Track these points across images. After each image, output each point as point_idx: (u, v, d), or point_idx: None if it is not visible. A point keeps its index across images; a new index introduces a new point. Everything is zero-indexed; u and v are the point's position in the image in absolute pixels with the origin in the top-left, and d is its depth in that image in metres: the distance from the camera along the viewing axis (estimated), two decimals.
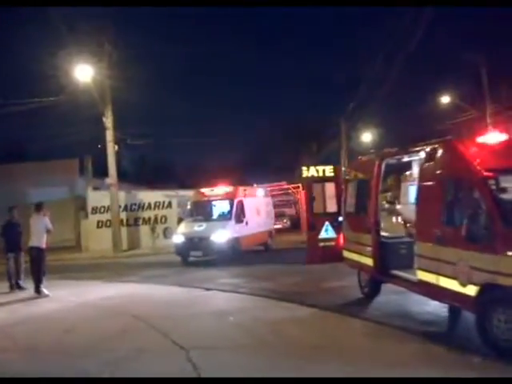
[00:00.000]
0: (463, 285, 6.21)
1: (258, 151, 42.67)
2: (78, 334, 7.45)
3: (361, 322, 7.39)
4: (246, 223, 17.25)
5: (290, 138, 40.36)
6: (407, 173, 10.34)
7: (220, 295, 10.32)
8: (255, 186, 22.18)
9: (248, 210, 17.68)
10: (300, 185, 30.47)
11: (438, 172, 6.94)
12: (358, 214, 9.46)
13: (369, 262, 8.81)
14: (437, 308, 8.04)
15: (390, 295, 9.14)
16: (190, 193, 23.81)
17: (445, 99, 31.22)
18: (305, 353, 6.01)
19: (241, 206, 17.29)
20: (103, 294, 10.85)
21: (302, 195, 29.13)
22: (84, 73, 20.04)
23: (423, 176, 7.37)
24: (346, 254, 10.01)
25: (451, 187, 6.70)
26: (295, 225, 30.04)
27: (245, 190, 18.35)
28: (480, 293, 5.93)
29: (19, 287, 11.51)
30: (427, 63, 29.60)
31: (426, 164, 7.29)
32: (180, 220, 18.07)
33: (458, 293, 6.29)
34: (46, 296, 10.76)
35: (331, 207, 10.50)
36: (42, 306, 9.98)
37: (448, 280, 6.48)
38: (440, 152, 7.07)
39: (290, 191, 31.02)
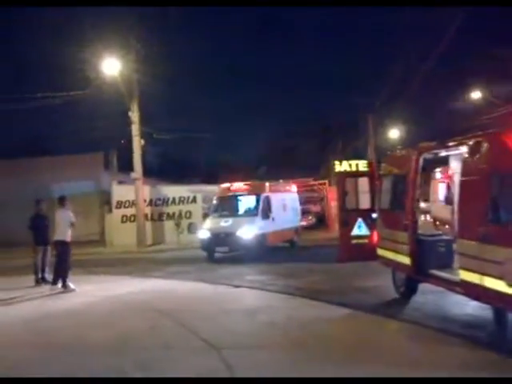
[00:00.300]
0: (511, 285, 5.79)
1: (284, 148, 42.22)
2: (105, 331, 7.23)
3: (398, 323, 7.04)
4: (273, 219, 16.93)
5: (316, 134, 39.79)
6: (438, 169, 9.92)
7: (248, 292, 10.02)
8: (281, 181, 21.81)
9: (274, 205, 17.35)
10: (326, 181, 30.16)
11: (484, 166, 6.48)
12: (393, 211, 9.05)
13: (406, 260, 8.40)
14: (478, 310, 7.61)
15: (428, 295, 8.74)
16: (215, 188, 23.63)
17: (475, 95, 30.39)
18: (342, 354, 5.70)
19: (267, 201, 16.97)
20: (129, 289, 10.70)
21: (328, 192, 28.84)
22: (111, 67, 20.03)
23: (466, 171, 6.92)
24: (380, 252, 9.61)
25: (498, 183, 6.25)
26: (320, 222, 29.64)
27: (271, 185, 18.03)
28: None
29: (45, 281, 11.43)
30: (458, 59, 28.58)
31: (470, 158, 6.85)
32: (206, 215, 17.85)
33: (505, 294, 5.86)
34: (73, 290, 10.64)
35: (364, 203, 10.10)
36: (67, 300, 9.86)
37: (494, 280, 6.04)
38: (486, 145, 6.62)
39: (315, 188, 30.62)
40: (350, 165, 10.11)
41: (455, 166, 9.73)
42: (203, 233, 16.46)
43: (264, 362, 5.43)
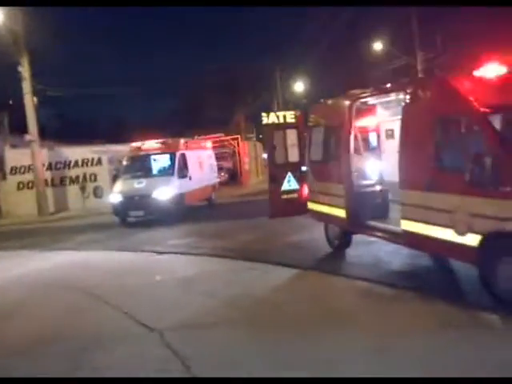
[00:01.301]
0: (461, 234, 5.64)
1: (192, 102, 40.69)
2: (22, 321, 6.10)
3: (346, 281, 6.64)
4: (190, 178, 16.08)
5: (225, 88, 38.68)
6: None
7: (175, 259, 9.21)
8: (196, 138, 20.84)
9: (191, 163, 16.47)
10: (238, 136, 29.61)
11: (428, 112, 6.20)
12: (326, 163, 8.67)
13: (341, 213, 8.12)
14: (413, 258, 7.61)
15: (360, 247, 8.63)
16: (121, 148, 22.15)
17: (378, 46, 30.97)
18: (303, 324, 5.17)
19: (183, 159, 16.03)
20: (39, 266, 9.42)
21: (240, 147, 28.37)
22: None
23: (408, 118, 6.62)
24: (311, 205, 9.26)
25: (445, 129, 6.01)
26: (232, 178, 29.27)
27: (186, 142, 17.04)
28: (483, 242, 5.39)
29: None
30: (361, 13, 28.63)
31: (412, 104, 6.53)
32: (115, 177, 16.51)
33: (454, 243, 5.71)
34: None
35: (293, 156, 9.63)
36: None
37: (441, 230, 5.89)
38: (429, 90, 6.34)
39: (226, 143, 29.96)
40: (278, 116, 9.50)
41: (383, 115, 9.65)
42: (114, 196, 15.21)
43: (217, 345, 4.75)
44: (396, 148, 9.47)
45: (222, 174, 29.86)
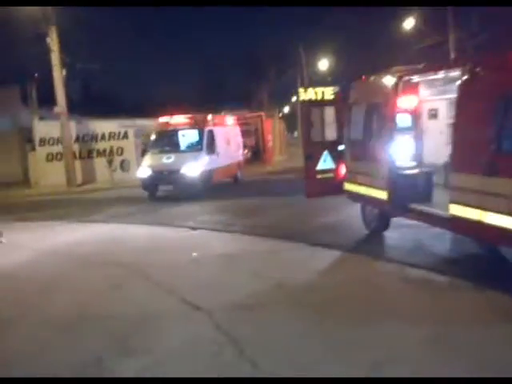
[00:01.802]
0: None
1: (215, 78, 40.33)
2: (60, 296, 5.94)
3: (391, 266, 6.38)
4: (218, 155, 15.95)
5: (248, 64, 38.20)
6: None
7: (211, 235, 9.10)
8: (223, 113, 20.62)
9: (219, 140, 16.33)
10: (262, 113, 29.25)
11: (491, 91, 5.83)
12: (366, 142, 8.41)
13: (381, 195, 7.90)
14: (459, 245, 7.39)
15: (397, 230, 8.42)
16: (147, 122, 22.16)
17: (408, 24, 29.92)
18: (353, 311, 4.95)
19: (211, 135, 15.88)
20: (71, 239, 9.37)
21: (263, 124, 28.03)
22: None
23: (464, 97, 6.29)
24: (348, 186, 9.04)
25: (509, 107, 5.66)
26: (255, 156, 29.03)
27: (213, 118, 16.85)
28: None
29: None
30: None
31: (469, 82, 6.20)
32: (144, 151, 16.45)
33: None
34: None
35: (330, 135, 9.38)
36: None
37: (499, 216, 5.63)
38: (494, 66, 5.98)
39: (249, 121, 29.63)
40: (316, 92, 9.22)
41: (426, 94, 9.31)
42: (144, 171, 15.19)
43: (268, 327, 4.60)
44: (439, 129, 9.28)
45: (246, 151, 29.68)
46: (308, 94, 9.23)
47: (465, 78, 6.28)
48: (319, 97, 9.26)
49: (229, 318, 4.79)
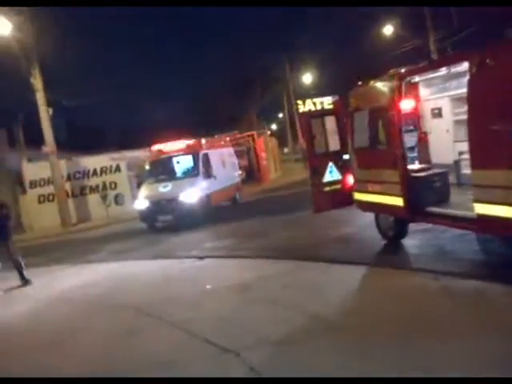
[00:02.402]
0: None
1: (204, 103, 40.14)
2: (74, 348, 5.44)
3: (421, 276, 5.91)
4: (215, 178, 15.54)
5: (235, 86, 38.04)
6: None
7: (220, 263, 8.65)
8: (217, 137, 20.31)
9: (214, 163, 15.95)
10: (254, 133, 28.99)
11: (508, 80, 5.50)
12: (374, 149, 8.05)
13: (397, 201, 7.50)
14: (484, 246, 6.99)
15: (415, 236, 8.02)
16: (138, 153, 21.82)
17: (388, 30, 29.90)
18: (396, 331, 4.47)
19: (207, 159, 15.50)
20: (75, 282, 8.86)
21: (256, 143, 27.74)
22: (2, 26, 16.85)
23: (477, 90, 5.94)
24: (358, 196, 8.65)
25: None
26: (249, 175, 28.66)
27: (208, 141, 16.51)
28: None
29: None
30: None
31: (482, 74, 5.85)
32: (140, 183, 16.02)
33: None
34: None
35: (334, 145, 9.03)
36: (3, 308, 7.91)
37: None
38: (506, 58, 5.64)
39: (241, 141, 29.35)
40: (315, 103, 8.90)
41: (427, 93, 9.00)
42: (141, 202, 14.72)
43: (310, 363, 4.07)
44: (445, 127, 8.95)
45: (240, 172, 29.33)
46: (307, 105, 8.89)
47: (475, 70, 5.95)
48: (318, 107, 8.93)
49: (261, 358, 4.28)
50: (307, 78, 40.90)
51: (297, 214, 12.92)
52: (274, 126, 62.51)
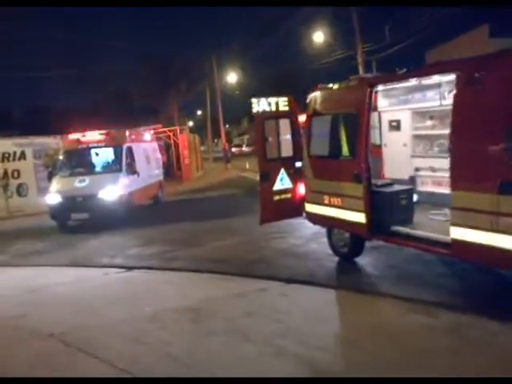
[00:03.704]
0: None
1: (120, 91, 37.74)
2: None
3: (397, 304, 5.32)
4: (138, 175, 14.17)
5: (155, 76, 36.11)
6: None
7: (154, 277, 7.42)
8: (142, 129, 18.77)
9: (138, 158, 14.57)
10: (177, 128, 27.57)
11: (504, 97, 5.03)
12: (334, 158, 7.39)
13: (356, 217, 6.89)
14: (445, 269, 6.59)
15: (372, 253, 7.53)
16: (48, 140, 19.78)
17: (318, 37, 29.90)
18: (372, 364, 3.82)
19: (130, 153, 14.09)
20: None
21: (179, 140, 26.33)
22: None
23: (465, 105, 5.43)
24: (310, 207, 7.97)
25: None
26: (167, 173, 27.25)
27: (132, 134, 15.06)
28: None
29: None
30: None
31: (471, 87, 5.36)
32: (51, 175, 14.18)
33: None
34: None
35: (287, 150, 8.26)
36: None
37: None
38: (497, 71, 5.19)
39: (162, 136, 27.83)
40: (270, 103, 8.06)
41: (385, 104, 8.52)
42: (52, 197, 12.99)
43: None
44: (402, 141, 8.52)
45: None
46: (261, 104, 8.02)
47: (463, 83, 5.44)
48: (273, 108, 8.10)
49: None
50: (232, 78, 40.26)
51: (230, 220, 12.07)
52: (190, 123, 61.24)
